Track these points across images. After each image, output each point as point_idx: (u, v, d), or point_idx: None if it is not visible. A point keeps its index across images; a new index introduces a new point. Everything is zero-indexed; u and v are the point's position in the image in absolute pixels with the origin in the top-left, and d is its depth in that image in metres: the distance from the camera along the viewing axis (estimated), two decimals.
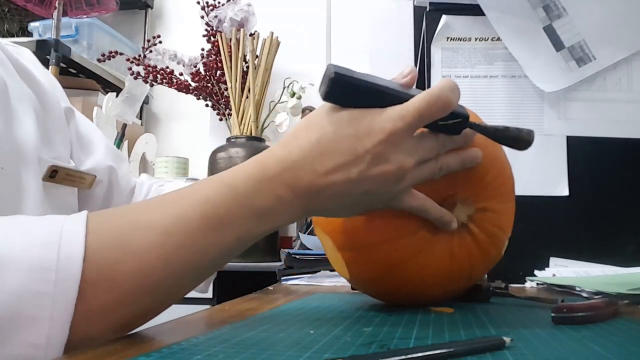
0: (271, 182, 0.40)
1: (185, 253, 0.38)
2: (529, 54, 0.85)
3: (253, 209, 0.40)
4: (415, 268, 0.48)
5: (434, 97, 0.42)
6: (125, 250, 0.36)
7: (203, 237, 0.38)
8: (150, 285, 0.37)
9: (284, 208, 0.41)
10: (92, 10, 1.73)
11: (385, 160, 0.41)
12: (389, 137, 0.41)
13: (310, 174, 0.40)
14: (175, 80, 1.71)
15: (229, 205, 0.39)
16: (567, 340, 0.36)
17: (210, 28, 1.73)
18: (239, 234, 0.40)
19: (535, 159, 0.85)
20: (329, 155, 0.40)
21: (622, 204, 0.83)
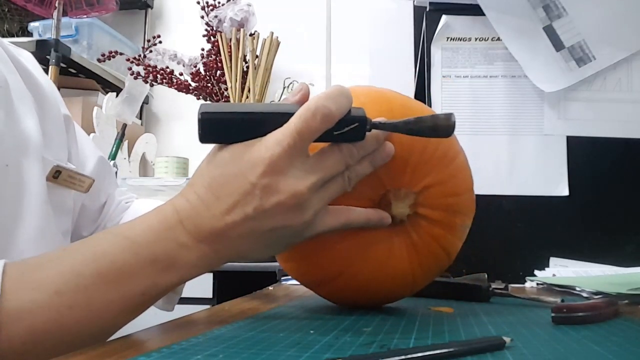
0: (172, 231, 0.39)
1: (79, 313, 0.36)
2: (529, 54, 0.85)
3: (155, 261, 0.38)
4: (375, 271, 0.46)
5: (310, 112, 0.38)
6: (22, 313, 0.35)
7: (100, 295, 0.37)
8: (45, 347, 0.36)
9: (190, 257, 0.39)
10: (92, 10, 1.73)
11: (276, 191, 0.38)
12: (270, 166, 0.38)
13: (209, 218, 0.39)
14: (175, 80, 1.71)
15: (127, 258, 0.38)
16: (567, 340, 0.35)
17: (210, 28, 1.73)
18: (143, 289, 0.38)
19: (535, 159, 0.85)
20: (223, 197, 0.39)
21: (622, 204, 0.83)
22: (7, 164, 0.51)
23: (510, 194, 0.85)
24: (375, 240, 0.45)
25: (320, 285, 0.50)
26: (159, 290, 0.39)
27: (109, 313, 0.38)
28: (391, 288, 0.48)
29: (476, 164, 0.87)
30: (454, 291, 0.59)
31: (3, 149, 0.51)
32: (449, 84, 0.88)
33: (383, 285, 0.47)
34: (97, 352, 0.33)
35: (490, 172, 0.86)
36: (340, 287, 0.48)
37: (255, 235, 0.39)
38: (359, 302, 0.50)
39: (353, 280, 0.47)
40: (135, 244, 0.38)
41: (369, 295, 0.49)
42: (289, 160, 0.38)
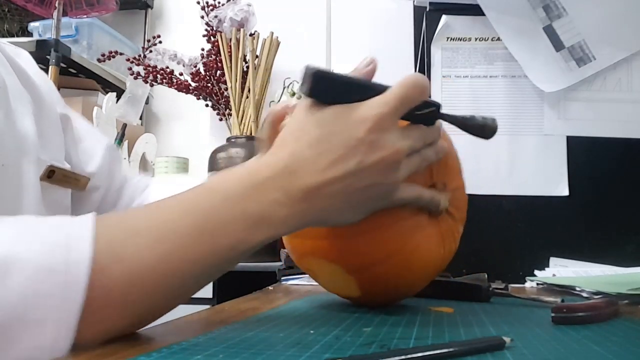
0: (264, 186, 0.39)
1: (175, 263, 0.37)
2: (529, 54, 0.85)
3: (247, 215, 0.39)
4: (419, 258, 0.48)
5: (411, 82, 0.43)
6: (122, 257, 0.36)
7: (196, 246, 0.38)
8: (145, 292, 0.36)
9: (280, 213, 0.39)
10: (92, 10, 1.72)
11: (381, 147, 0.40)
12: (378, 123, 0.40)
13: (306, 174, 0.40)
14: (175, 80, 1.71)
15: (221, 212, 0.38)
16: (567, 340, 0.36)
17: (210, 28, 1.73)
18: (234, 243, 0.38)
19: (535, 159, 0.85)
20: (324, 154, 0.40)
21: (622, 204, 0.83)
22: (3, 163, 0.51)
23: (510, 194, 0.85)
24: (421, 226, 0.47)
25: (364, 268, 0.47)
26: (248, 246, 0.39)
27: (201, 265, 0.38)
28: (424, 276, 0.50)
29: (476, 164, 0.87)
30: (454, 291, 0.59)
31: (1, 149, 0.52)
32: (449, 84, 0.88)
33: (421, 272, 0.49)
34: (97, 352, 0.33)
35: (490, 172, 0.86)
36: (385, 271, 0.47)
37: (348, 193, 0.40)
38: (391, 293, 0.51)
39: (401, 264, 0.47)
40: (228, 199, 0.39)
41: (405, 283, 0.49)
42: (391, 120, 0.41)
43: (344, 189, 0.40)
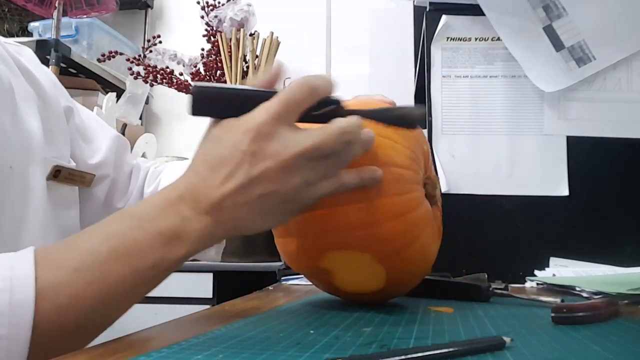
0: (174, 206, 0.41)
1: (97, 288, 0.38)
2: (529, 54, 0.85)
3: (161, 235, 0.40)
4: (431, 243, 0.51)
5: (297, 84, 0.42)
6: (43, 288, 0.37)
7: (114, 270, 0.39)
8: (70, 323, 0.38)
9: (193, 229, 0.41)
10: (92, 10, 1.72)
11: (263, 157, 0.40)
12: (258, 133, 0.40)
13: (206, 191, 0.41)
14: (175, 80, 1.71)
15: (136, 234, 0.40)
16: (567, 340, 0.36)
17: (210, 28, 1.73)
18: (153, 262, 0.40)
19: (535, 159, 0.85)
20: (217, 169, 0.41)
21: (622, 204, 0.83)
22: (12, 165, 0.52)
23: (510, 194, 0.85)
24: (429, 213, 0.51)
25: (394, 254, 0.47)
26: (169, 263, 0.40)
27: (123, 287, 0.39)
28: (429, 265, 0.52)
29: (476, 164, 0.87)
30: (454, 291, 0.59)
31: (9, 151, 0.53)
32: (449, 84, 0.88)
33: (431, 259, 0.52)
34: (97, 352, 0.33)
35: (490, 172, 0.86)
36: (409, 256, 0.48)
37: (248, 204, 0.41)
38: (407, 282, 0.52)
39: (421, 248, 0.49)
40: (142, 221, 0.41)
41: (420, 270, 0.51)
42: (275, 126, 0.41)
43: (244, 200, 0.41)
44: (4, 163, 0.52)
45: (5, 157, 0.53)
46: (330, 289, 0.54)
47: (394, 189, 0.47)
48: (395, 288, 0.51)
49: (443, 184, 0.85)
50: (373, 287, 0.50)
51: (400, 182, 0.47)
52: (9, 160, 0.53)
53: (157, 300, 1.55)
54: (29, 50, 0.67)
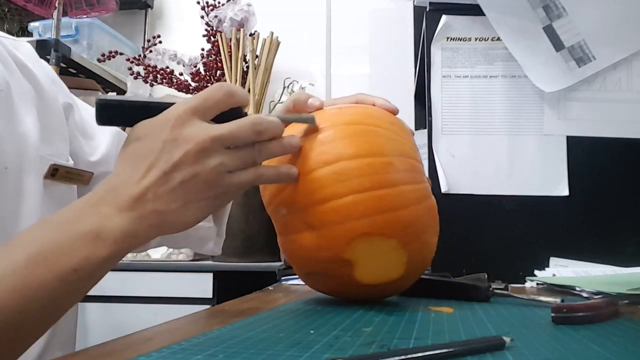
0: (94, 206, 0.41)
1: (19, 295, 0.37)
2: (529, 54, 0.85)
3: (81, 236, 0.40)
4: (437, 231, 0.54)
5: (217, 85, 0.45)
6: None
7: (35, 276, 0.38)
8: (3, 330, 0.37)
9: (114, 227, 0.40)
10: (92, 10, 1.72)
11: (182, 141, 0.42)
12: (177, 120, 0.42)
13: (126, 186, 0.42)
14: (175, 80, 1.71)
15: (54, 238, 0.39)
16: (567, 340, 0.36)
17: (210, 28, 1.73)
18: (75, 265, 0.39)
19: (535, 159, 0.85)
20: (138, 164, 0.42)
21: (622, 204, 0.83)
22: (7, 166, 0.52)
23: (510, 194, 0.85)
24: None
25: (416, 238, 0.50)
26: (92, 265, 0.40)
27: (46, 292, 0.38)
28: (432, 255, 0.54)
29: (476, 164, 0.87)
30: (454, 291, 0.59)
31: (3, 153, 0.52)
32: (449, 84, 0.88)
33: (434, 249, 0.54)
34: (97, 352, 0.33)
35: (490, 172, 0.86)
36: (426, 241, 0.51)
37: (170, 193, 0.42)
38: (420, 269, 0.54)
39: (433, 234, 0.52)
40: (61, 224, 0.40)
41: (430, 256, 0.53)
42: (192, 115, 0.43)
43: (166, 189, 0.42)
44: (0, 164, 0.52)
45: (2, 157, 0.52)
46: (344, 285, 0.53)
47: (412, 177, 0.50)
48: (409, 276, 0.53)
49: (443, 184, 0.85)
50: (393, 276, 0.51)
51: (415, 172, 0.51)
52: (3, 161, 0.52)
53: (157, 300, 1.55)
54: (28, 46, 0.67)
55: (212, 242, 0.70)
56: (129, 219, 0.41)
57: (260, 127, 0.45)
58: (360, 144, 0.49)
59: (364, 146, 0.49)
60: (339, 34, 2.00)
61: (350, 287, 0.53)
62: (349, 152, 0.48)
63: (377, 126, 0.52)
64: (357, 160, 0.48)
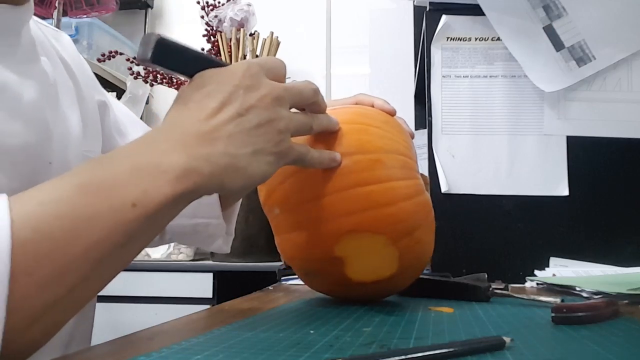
0: (155, 142, 0.38)
1: (67, 223, 0.33)
2: (529, 54, 0.85)
3: (139, 169, 0.36)
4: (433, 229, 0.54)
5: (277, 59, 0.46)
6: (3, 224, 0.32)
7: (85, 205, 0.34)
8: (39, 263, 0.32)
9: (177, 162, 0.36)
10: (92, 10, 1.73)
11: (257, 88, 0.42)
12: (249, 71, 0.42)
13: (193, 123, 0.39)
14: (175, 80, 1.71)
15: (108, 169, 0.36)
16: (567, 340, 0.36)
17: (210, 28, 1.73)
18: (133, 198, 0.35)
19: (535, 159, 0.85)
20: (207, 102, 0.40)
21: (622, 204, 0.83)
22: (51, 161, 0.52)
23: (510, 194, 0.85)
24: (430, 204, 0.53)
25: (407, 234, 0.49)
26: (153, 201, 0.35)
27: (100, 226, 0.34)
28: (430, 253, 0.55)
29: (476, 164, 0.87)
30: (454, 291, 0.59)
31: (49, 148, 0.52)
32: (449, 84, 0.88)
33: (432, 247, 0.54)
34: (97, 352, 0.33)
35: (490, 172, 0.86)
36: (419, 237, 0.51)
37: (242, 134, 0.40)
38: (416, 267, 0.53)
39: (429, 230, 0.52)
40: (115, 158, 0.37)
41: (427, 256, 0.53)
42: (262, 70, 0.43)
43: (237, 131, 0.39)
44: (44, 159, 0.51)
45: (46, 153, 0.52)
46: (338, 284, 0.53)
47: (402, 173, 0.50)
48: (404, 274, 0.52)
49: (443, 184, 0.85)
50: (386, 273, 0.50)
51: (406, 168, 0.50)
52: (49, 156, 0.52)
53: (157, 300, 1.55)
54: (67, 38, 0.66)
55: (221, 240, 0.70)
56: (194, 156, 0.37)
57: (315, 87, 0.47)
58: (349, 142, 0.49)
59: (352, 144, 0.49)
60: (339, 34, 2.00)
61: (344, 286, 0.53)
62: (337, 150, 0.49)
63: (368, 125, 0.52)
64: (345, 158, 0.49)
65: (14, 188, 0.38)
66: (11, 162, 0.47)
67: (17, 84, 0.49)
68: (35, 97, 0.51)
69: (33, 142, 0.49)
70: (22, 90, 0.50)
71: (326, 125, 0.49)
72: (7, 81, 0.48)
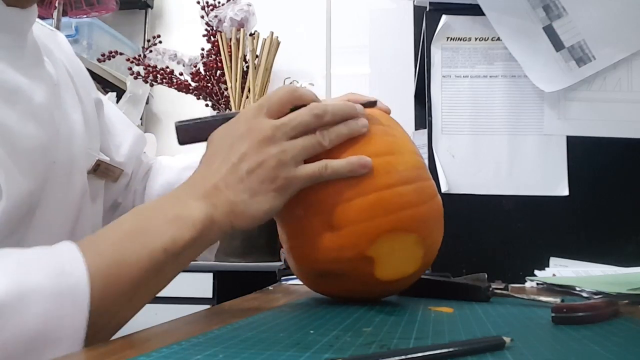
0: (178, 198, 0.47)
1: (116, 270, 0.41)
2: (529, 54, 0.85)
3: (167, 219, 0.44)
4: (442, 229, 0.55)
5: (283, 86, 0.51)
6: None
7: (129, 251, 0.42)
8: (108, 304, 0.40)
9: (195, 213, 0.44)
10: (92, 10, 1.73)
11: (248, 134, 0.47)
12: (245, 116, 0.48)
13: (203, 179, 0.47)
14: (175, 80, 1.71)
15: (144, 220, 0.44)
16: (567, 340, 0.36)
17: (210, 28, 1.73)
18: (164, 244, 0.42)
19: (535, 159, 0.85)
20: (212, 161, 0.48)
21: (622, 204, 0.83)
22: (55, 161, 0.52)
23: (510, 194, 0.85)
24: None
25: (430, 232, 0.52)
26: (179, 246, 0.43)
27: (139, 265, 0.41)
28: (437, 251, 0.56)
29: (476, 164, 0.87)
30: (454, 291, 0.59)
31: (57, 147, 0.53)
32: (449, 84, 0.88)
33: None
34: (97, 352, 0.33)
35: (490, 172, 0.86)
36: (438, 235, 0.53)
37: (239, 183, 0.46)
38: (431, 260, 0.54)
39: (442, 230, 0.54)
40: (149, 211, 0.46)
41: (435, 252, 0.54)
42: (259, 112, 0.48)
43: (236, 179, 0.46)
44: (50, 159, 0.52)
45: (52, 153, 0.53)
46: (359, 284, 0.52)
47: (424, 174, 0.52)
48: (421, 271, 0.54)
49: (443, 184, 0.85)
50: (409, 271, 0.52)
51: (424, 169, 0.53)
52: (54, 155, 0.53)
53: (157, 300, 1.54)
54: (63, 37, 0.67)
55: (207, 250, 0.70)
56: (204, 205, 0.45)
57: (318, 110, 0.48)
58: (377, 143, 0.50)
59: (380, 145, 0.50)
60: (339, 34, 2.00)
61: (367, 286, 0.52)
62: (365, 152, 0.49)
63: (387, 126, 0.53)
64: (376, 159, 0.49)
65: (30, 188, 0.48)
66: (30, 163, 0.49)
67: (28, 86, 0.50)
68: (44, 98, 0.52)
69: (46, 143, 0.51)
70: (33, 93, 0.51)
71: (342, 133, 0.49)
72: (20, 84, 0.50)
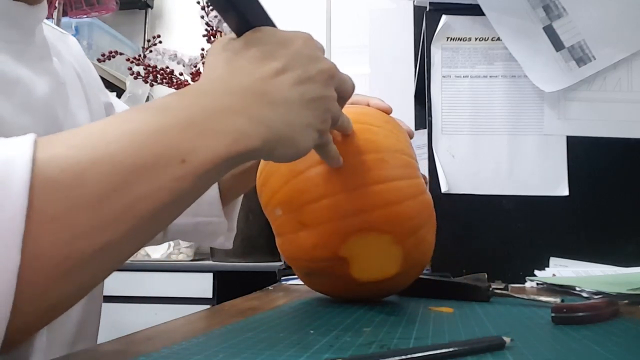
0: (209, 95, 0.35)
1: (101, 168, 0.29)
2: (529, 54, 0.85)
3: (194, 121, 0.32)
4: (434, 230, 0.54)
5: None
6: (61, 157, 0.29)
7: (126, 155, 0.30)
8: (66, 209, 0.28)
9: (233, 120, 0.34)
10: (92, 10, 1.73)
11: (317, 60, 0.40)
12: (310, 40, 0.41)
13: (255, 81, 0.36)
14: (175, 80, 1.71)
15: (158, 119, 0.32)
16: (567, 340, 0.36)
17: (210, 28, 1.73)
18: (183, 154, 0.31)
19: (535, 159, 0.85)
20: (269, 62, 0.37)
21: (622, 204, 0.83)
22: None
23: (510, 194, 0.85)
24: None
25: (411, 233, 0.50)
26: (202, 159, 0.32)
27: (144, 177, 0.30)
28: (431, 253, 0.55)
29: (476, 164, 0.87)
30: (454, 291, 0.59)
31: None
32: (449, 84, 0.88)
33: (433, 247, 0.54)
34: (97, 352, 0.33)
35: (490, 172, 0.86)
36: (423, 236, 0.51)
37: (301, 104, 0.38)
38: (418, 267, 0.54)
39: (431, 230, 0.53)
40: (168, 109, 0.33)
41: (428, 255, 0.54)
42: (319, 45, 0.42)
43: (295, 97, 0.37)
44: None
45: None
46: (341, 284, 0.53)
47: (406, 172, 0.50)
48: (407, 273, 0.52)
49: (443, 184, 0.85)
50: (390, 273, 0.51)
51: (410, 168, 0.51)
52: None
53: (157, 300, 1.55)
54: (73, 40, 0.67)
55: (223, 237, 0.70)
56: (254, 118, 0.35)
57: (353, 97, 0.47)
58: (356, 142, 0.49)
59: (358, 144, 0.49)
60: (339, 34, 2.00)
61: (347, 286, 0.53)
62: (343, 149, 0.48)
63: (370, 124, 0.52)
64: (352, 158, 0.48)
65: None
66: None
67: (29, 79, 0.49)
68: (47, 93, 0.51)
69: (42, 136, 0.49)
70: (35, 86, 0.50)
71: (346, 126, 0.48)
72: (21, 76, 0.48)
